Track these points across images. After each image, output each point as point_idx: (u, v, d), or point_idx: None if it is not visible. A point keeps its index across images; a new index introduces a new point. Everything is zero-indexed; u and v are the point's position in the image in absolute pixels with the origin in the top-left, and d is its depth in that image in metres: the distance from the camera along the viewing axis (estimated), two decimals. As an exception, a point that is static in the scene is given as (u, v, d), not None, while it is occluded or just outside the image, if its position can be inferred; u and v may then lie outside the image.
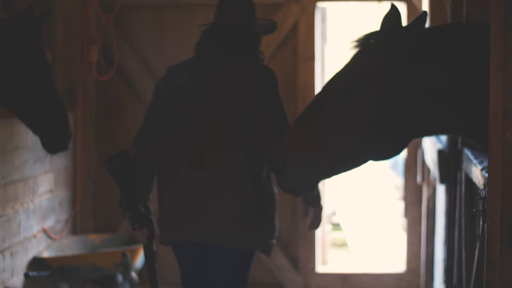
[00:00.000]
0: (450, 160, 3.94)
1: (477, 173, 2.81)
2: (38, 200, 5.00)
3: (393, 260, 7.50)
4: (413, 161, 6.00)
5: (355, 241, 8.58)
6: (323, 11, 6.49)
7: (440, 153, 4.05)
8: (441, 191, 4.57)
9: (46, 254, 5.04)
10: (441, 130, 3.01)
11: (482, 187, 2.62)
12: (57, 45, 5.53)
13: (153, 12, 6.05)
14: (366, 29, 2.93)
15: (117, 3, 5.68)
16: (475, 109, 2.67)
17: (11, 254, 4.57)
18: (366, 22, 10.24)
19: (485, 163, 2.77)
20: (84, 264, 4.91)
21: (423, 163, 5.54)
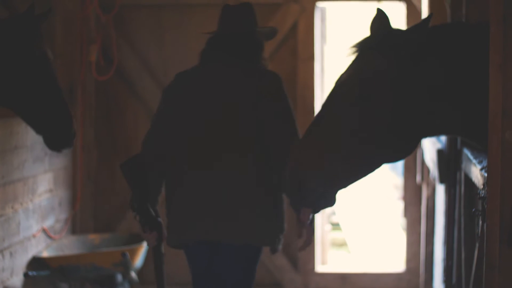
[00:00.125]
0: (450, 160, 3.94)
1: (477, 173, 2.81)
2: (38, 200, 5.00)
3: (393, 260, 7.49)
4: (413, 161, 5.99)
5: (355, 241, 8.58)
6: (323, 11, 6.48)
7: (440, 153, 4.05)
8: (441, 191, 4.57)
9: (46, 254, 5.04)
10: (442, 131, 3.00)
11: (482, 187, 2.62)
12: (57, 45, 5.52)
13: (153, 12, 6.04)
14: (366, 29, 2.93)
15: (117, 3, 5.68)
16: (475, 109, 2.67)
17: (11, 254, 4.57)
18: (366, 22, 10.22)
19: (485, 163, 2.77)
20: (84, 264, 4.91)
21: (423, 163, 5.54)
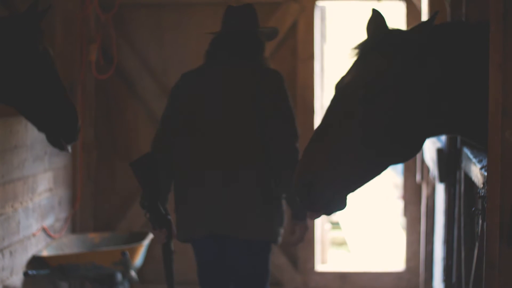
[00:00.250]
0: (450, 159, 3.94)
1: (477, 172, 2.80)
2: (38, 199, 5.00)
3: (393, 259, 7.49)
4: (412, 160, 5.98)
5: (355, 240, 8.58)
6: (322, 10, 6.48)
7: (440, 152, 4.05)
8: (441, 190, 4.57)
9: (46, 253, 5.03)
10: (444, 130, 2.99)
11: (482, 186, 2.62)
12: (57, 44, 5.52)
13: (153, 12, 6.04)
14: (364, 29, 2.93)
15: (117, 3, 5.68)
16: (475, 108, 2.67)
17: (11, 253, 4.57)
18: (366, 21, 10.21)
19: (484, 162, 2.77)
20: (84, 263, 4.91)
21: (422, 162, 5.54)
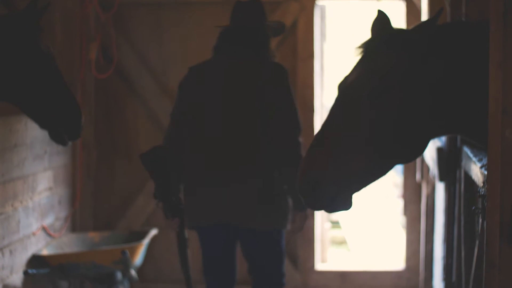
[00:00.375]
0: (450, 158, 3.94)
1: (477, 171, 2.80)
2: (37, 198, 5.00)
3: (392, 258, 7.49)
4: (412, 159, 5.98)
5: (354, 239, 8.58)
6: (322, 9, 6.47)
7: (439, 151, 4.05)
8: (441, 189, 4.57)
9: (45, 252, 5.03)
10: (446, 131, 2.98)
11: (482, 185, 2.62)
12: (56, 43, 5.51)
13: (152, 10, 6.04)
14: (366, 28, 2.92)
15: (117, 1, 5.67)
16: (475, 107, 2.66)
17: (10, 252, 4.57)
18: (365, 20, 10.22)
19: (484, 161, 2.77)
20: (84, 262, 4.91)
21: (422, 161, 5.54)
